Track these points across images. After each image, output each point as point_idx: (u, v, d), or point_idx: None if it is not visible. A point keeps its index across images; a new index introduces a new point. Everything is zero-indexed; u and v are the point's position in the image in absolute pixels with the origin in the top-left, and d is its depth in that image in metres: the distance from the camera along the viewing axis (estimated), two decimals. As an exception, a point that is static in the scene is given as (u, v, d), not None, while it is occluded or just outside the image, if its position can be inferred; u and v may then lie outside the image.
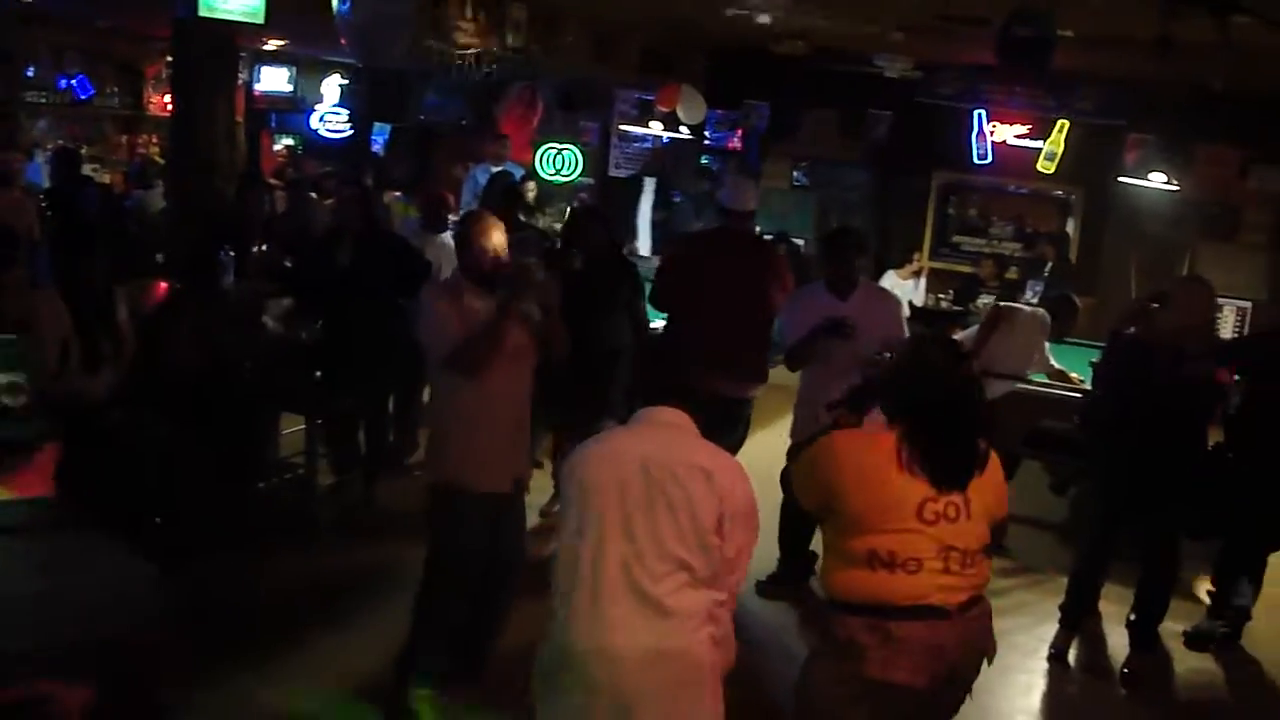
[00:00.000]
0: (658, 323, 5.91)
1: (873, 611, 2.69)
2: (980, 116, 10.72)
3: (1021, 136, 10.77)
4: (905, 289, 9.81)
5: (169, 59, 9.31)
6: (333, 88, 13.68)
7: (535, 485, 4.45)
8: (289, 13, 6.99)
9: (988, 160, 10.89)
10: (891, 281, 9.87)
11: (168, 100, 10.10)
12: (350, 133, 13.81)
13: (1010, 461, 5.61)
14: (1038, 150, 10.61)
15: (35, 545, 1.50)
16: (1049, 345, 6.39)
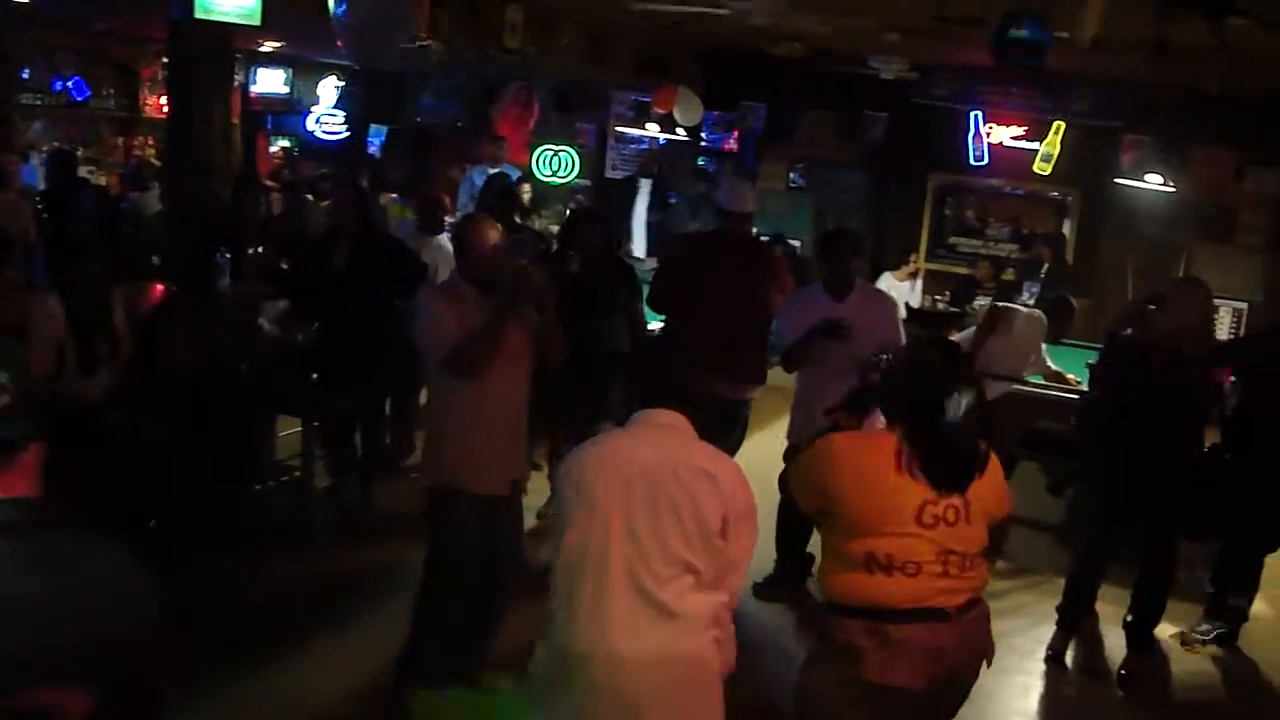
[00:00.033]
0: (655, 324, 5.91)
1: (871, 614, 2.69)
2: (976, 118, 10.69)
3: (1018, 138, 10.74)
4: (902, 290, 9.81)
5: (165, 61, 9.33)
6: (329, 90, 13.67)
7: (532, 487, 4.44)
8: (285, 15, 6.97)
9: (984, 162, 10.87)
10: (888, 283, 9.87)
11: (164, 102, 10.12)
12: (346, 135, 13.81)
13: (1007, 463, 5.59)
14: (1034, 151, 10.60)
15: (20, 545, 1.49)
16: (1046, 346, 6.41)
